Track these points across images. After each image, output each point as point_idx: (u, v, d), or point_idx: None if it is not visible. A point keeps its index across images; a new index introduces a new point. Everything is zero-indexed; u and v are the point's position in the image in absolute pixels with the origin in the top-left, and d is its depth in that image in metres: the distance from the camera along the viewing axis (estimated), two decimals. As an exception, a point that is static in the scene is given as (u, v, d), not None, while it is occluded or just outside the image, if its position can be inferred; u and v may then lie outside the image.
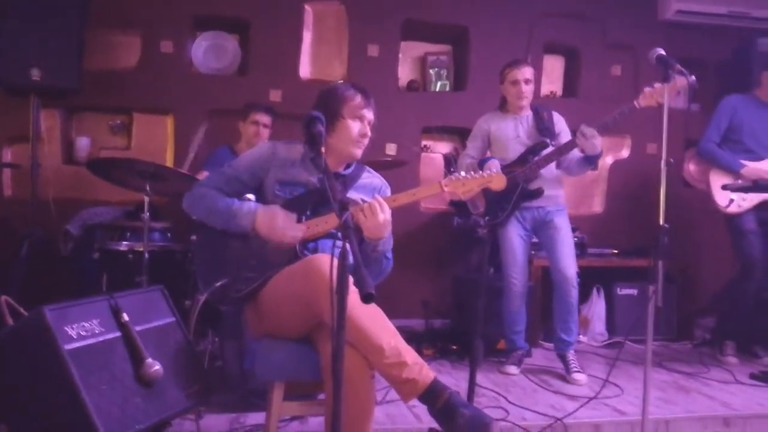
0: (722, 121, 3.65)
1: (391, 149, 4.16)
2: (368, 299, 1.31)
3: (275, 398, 1.87)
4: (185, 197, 2.08)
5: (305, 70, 4.26)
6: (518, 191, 3.17)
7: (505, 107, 3.36)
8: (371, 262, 2.00)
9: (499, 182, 2.02)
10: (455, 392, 1.71)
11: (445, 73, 4.43)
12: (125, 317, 1.88)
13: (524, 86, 3.23)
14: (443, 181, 2.00)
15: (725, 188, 3.50)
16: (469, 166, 3.24)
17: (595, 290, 4.07)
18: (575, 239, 3.94)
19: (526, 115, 3.31)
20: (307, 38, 4.25)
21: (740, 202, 3.51)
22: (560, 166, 3.29)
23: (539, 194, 3.18)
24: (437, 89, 4.43)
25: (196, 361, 2.08)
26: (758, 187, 3.33)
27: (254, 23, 4.11)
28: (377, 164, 3.30)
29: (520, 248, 3.26)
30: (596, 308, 4.04)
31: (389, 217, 1.89)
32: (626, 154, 4.53)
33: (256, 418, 2.40)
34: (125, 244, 3.11)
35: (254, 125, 3.42)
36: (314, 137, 1.77)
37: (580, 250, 3.93)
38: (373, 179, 2.19)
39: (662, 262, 2.25)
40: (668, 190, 2.23)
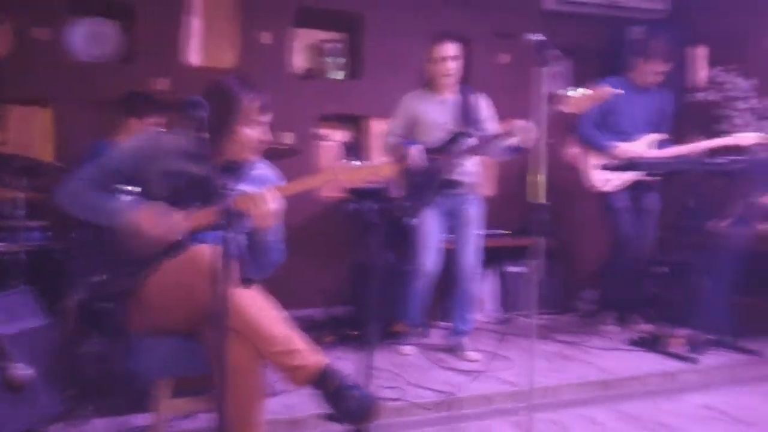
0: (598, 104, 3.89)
1: (287, 138, 4.13)
2: (247, 284, 1.31)
3: (162, 396, 1.83)
4: (57, 192, 1.96)
5: (194, 57, 4.13)
6: (438, 180, 3.20)
7: (431, 86, 3.30)
8: (262, 252, 1.99)
9: (389, 172, 2.06)
10: (347, 376, 1.75)
11: (341, 61, 4.43)
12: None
13: (450, 63, 3.20)
14: (336, 169, 2.01)
15: (600, 168, 3.76)
16: (394, 145, 3.27)
17: (488, 270, 4.24)
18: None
19: (453, 99, 3.28)
20: (195, 24, 4.12)
21: (614, 181, 3.79)
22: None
23: (458, 185, 3.24)
24: (333, 77, 4.43)
25: (73, 363, 1.99)
26: (629, 165, 3.57)
27: (138, 8, 3.92)
28: (272, 152, 3.26)
29: (433, 233, 3.30)
30: (489, 287, 4.23)
31: (280, 206, 1.89)
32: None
33: (145, 418, 2.32)
34: (0, 245, 2.91)
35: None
36: (197, 124, 1.70)
37: (473, 232, 4.09)
38: (266, 170, 2.16)
39: (545, 239, 2.36)
40: (551, 171, 2.35)
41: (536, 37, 2.19)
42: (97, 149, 3.22)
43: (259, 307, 1.72)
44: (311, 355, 1.74)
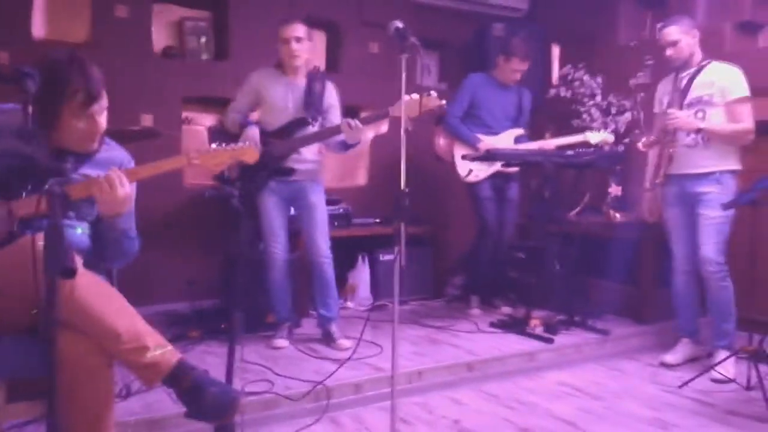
0: (465, 98, 4.02)
1: (146, 120, 3.86)
2: (68, 275, 1.18)
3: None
4: None
5: (39, 29, 3.73)
6: (272, 166, 3.16)
7: (280, 67, 3.27)
8: (111, 242, 1.82)
9: (251, 156, 1.97)
10: (202, 371, 1.65)
11: (204, 40, 4.21)
12: None
13: (295, 44, 3.16)
14: (191, 153, 1.89)
15: (464, 158, 3.90)
16: (233, 120, 3.21)
17: (360, 258, 4.27)
18: (340, 211, 4.09)
19: (300, 83, 3.25)
20: (40, -8, 3.72)
21: (477, 172, 3.95)
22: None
23: (290, 174, 3.20)
24: (197, 58, 4.20)
25: None
26: (489, 156, 3.74)
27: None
28: (128, 135, 3.02)
29: (277, 220, 3.26)
30: (362, 275, 4.25)
31: (129, 191, 1.74)
32: (386, 129, 4.79)
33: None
34: None
35: None
36: (25, 96, 1.51)
37: (345, 221, 4.09)
38: (113, 152, 1.96)
39: (407, 225, 2.37)
40: (419, 162, 2.37)
41: (396, 24, 2.20)
42: None
43: (103, 301, 1.57)
44: (163, 351, 1.62)
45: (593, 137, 3.82)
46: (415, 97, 2.64)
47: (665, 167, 3.19)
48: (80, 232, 1.82)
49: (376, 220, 4.28)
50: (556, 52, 5.10)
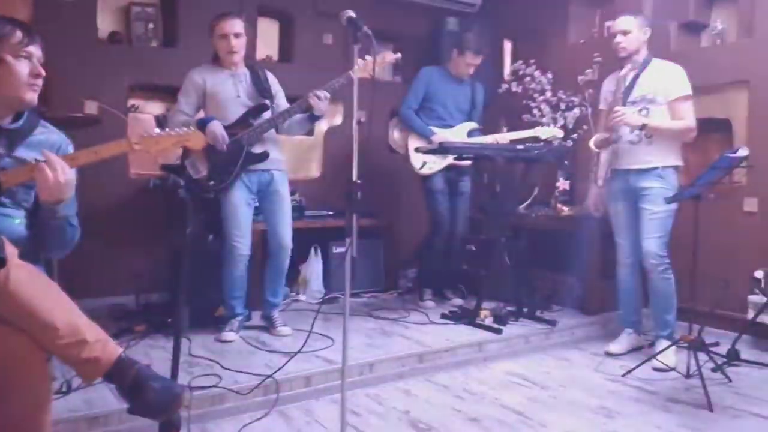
0: (419, 90, 4.04)
1: (90, 107, 3.72)
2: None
3: None
4: None
5: (-26, 9, 3.55)
6: (243, 155, 3.13)
7: (217, 62, 3.24)
8: (52, 230, 1.74)
9: (197, 141, 1.91)
10: (145, 366, 1.60)
11: (152, 27, 4.09)
12: None
13: (234, 40, 3.14)
14: (133, 137, 1.82)
15: (417, 151, 3.92)
16: (183, 123, 3.06)
17: (312, 250, 4.23)
18: (294, 203, 4.05)
19: (243, 72, 3.24)
20: (-25, -29, 3.54)
21: (431, 164, 3.97)
22: (279, 128, 3.30)
23: (265, 157, 3.18)
24: (145, 44, 4.07)
25: None
26: (441, 149, 3.76)
27: None
28: (69, 121, 2.92)
29: (245, 213, 3.22)
30: (314, 267, 4.22)
31: (70, 177, 1.67)
32: (339, 121, 4.76)
33: None
34: None
35: None
36: None
37: (298, 212, 4.04)
38: (50, 135, 1.87)
39: (369, 219, 2.36)
40: (373, 154, 2.36)
41: (348, 13, 2.19)
42: None
43: (39, 294, 1.50)
44: (104, 346, 1.56)
45: (543, 132, 3.89)
46: (368, 58, 2.74)
47: (611, 162, 3.28)
48: (18, 222, 1.74)
49: (329, 212, 4.26)
50: (508, 47, 5.16)
